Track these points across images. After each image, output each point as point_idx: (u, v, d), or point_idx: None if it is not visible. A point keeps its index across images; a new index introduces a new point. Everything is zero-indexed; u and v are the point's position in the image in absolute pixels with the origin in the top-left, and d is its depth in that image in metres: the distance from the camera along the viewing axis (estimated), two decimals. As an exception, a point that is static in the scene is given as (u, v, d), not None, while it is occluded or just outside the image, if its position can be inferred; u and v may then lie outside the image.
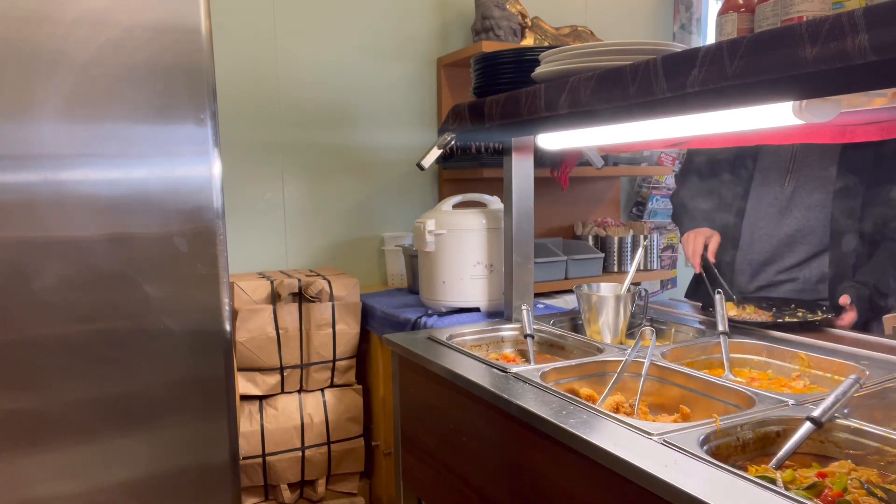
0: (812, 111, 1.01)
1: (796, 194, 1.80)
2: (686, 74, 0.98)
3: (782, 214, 1.82)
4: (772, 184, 1.84)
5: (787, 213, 1.81)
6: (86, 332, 1.32)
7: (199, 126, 1.37)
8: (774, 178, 1.83)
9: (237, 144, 2.40)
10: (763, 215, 1.85)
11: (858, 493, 0.91)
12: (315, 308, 2.18)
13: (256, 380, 2.16)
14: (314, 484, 2.26)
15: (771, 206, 1.84)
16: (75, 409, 1.33)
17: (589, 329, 1.70)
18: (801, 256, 1.80)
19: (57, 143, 1.26)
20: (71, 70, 1.26)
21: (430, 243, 1.94)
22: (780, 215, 1.82)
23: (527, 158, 1.80)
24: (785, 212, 1.81)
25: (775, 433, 1.09)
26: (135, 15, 1.30)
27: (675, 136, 1.55)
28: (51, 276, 1.28)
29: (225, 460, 1.47)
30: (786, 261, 1.82)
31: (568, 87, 1.23)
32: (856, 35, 0.75)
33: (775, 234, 1.82)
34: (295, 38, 2.49)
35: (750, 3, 1.10)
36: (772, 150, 1.85)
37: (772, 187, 1.84)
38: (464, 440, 1.44)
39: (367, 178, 2.66)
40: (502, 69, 1.62)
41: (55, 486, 1.32)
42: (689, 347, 1.53)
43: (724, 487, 0.87)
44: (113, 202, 1.32)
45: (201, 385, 1.44)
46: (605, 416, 1.13)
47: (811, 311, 1.67)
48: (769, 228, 1.84)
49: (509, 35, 2.58)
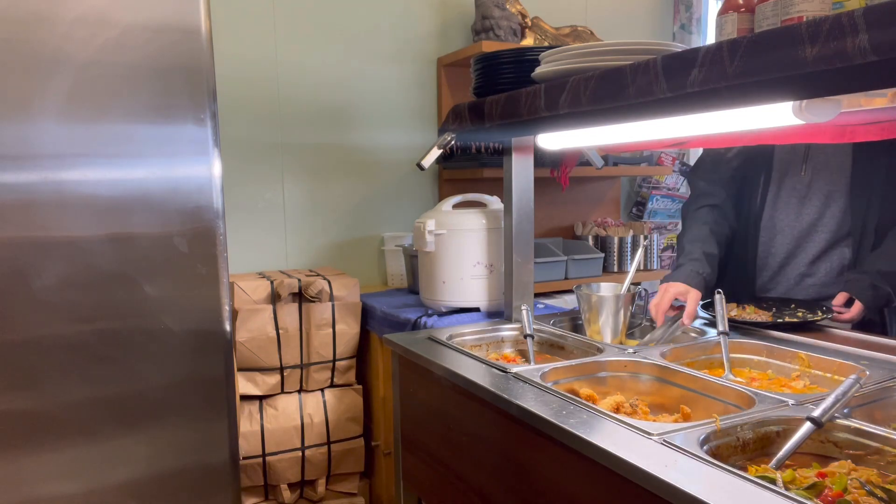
0: (812, 111, 1.01)
1: (814, 182, 1.78)
2: (686, 74, 0.98)
3: (801, 204, 1.79)
4: (789, 175, 1.81)
5: (807, 202, 1.79)
6: (86, 332, 1.32)
7: (199, 126, 1.37)
8: (792, 170, 1.81)
9: (237, 144, 2.40)
10: (783, 206, 1.83)
11: (858, 493, 0.91)
12: (315, 308, 2.18)
13: (256, 380, 2.16)
14: (314, 484, 2.25)
15: (790, 196, 1.82)
16: (75, 409, 1.32)
17: (589, 329, 1.70)
18: (821, 246, 1.78)
19: (57, 143, 1.26)
20: (71, 70, 1.26)
21: (430, 243, 1.94)
22: (800, 205, 1.80)
23: (527, 158, 1.80)
24: (804, 201, 1.79)
25: (775, 433, 1.09)
26: (135, 15, 1.30)
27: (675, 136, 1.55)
28: (51, 276, 1.28)
29: (225, 460, 1.47)
30: (809, 252, 1.80)
31: (568, 87, 1.23)
32: (856, 35, 0.75)
33: (797, 224, 1.81)
34: (295, 37, 2.49)
35: (750, 3, 1.10)
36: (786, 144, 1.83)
37: (790, 178, 1.82)
38: (464, 440, 1.44)
39: (367, 178, 2.66)
40: (502, 69, 1.62)
41: (55, 486, 1.32)
42: (689, 347, 1.53)
43: (724, 487, 0.87)
44: (113, 202, 1.32)
45: (201, 385, 1.43)
46: (605, 416, 1.13)
47: (811, 311, 1.67)
48: (790, 219, 1.82)
49: (509, 35, 2.58)
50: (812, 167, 1.78)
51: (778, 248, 1.84)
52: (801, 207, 1.80)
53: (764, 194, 1.86)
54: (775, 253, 1.85)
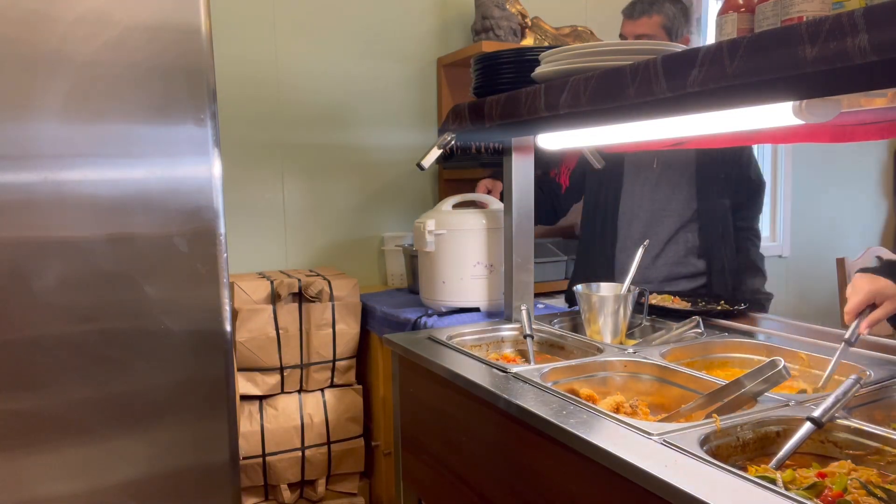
0: (812, 111, 1.01)
1: (663, 174, 2.10)
2: (686, 74, 0.98)
3: (653, 192, 2.10)
4: (643, 166, 2.11)
5: (657, 190, 2.10)
6: (86, 332, 1.32)
7: (199, 126, 1.37)
8: (645, 162, 2.11)
9: (237, 144, 2.40)
10: (637, 194, 2.12)
11: (858, 493, 0.91)
12: (315, 308, 2.18)
13: (256, 380, 2.16)
14: (314, 484, 2.25)
15: (644, 186, 2.12)
16: (75, 409, 1.32)
17: (589, 329, 1.70)
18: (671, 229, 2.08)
19: (57, 143, 1.26)
20: (71, 70, 1.26)
21: (430, 243, 1.94)
22: (652, 192, 2.10)
23: (527, 158, 1.80)
24: (655, 189, 2.10)
25: (775, 433, 1.09)
26: (135, 15, 1.30)
27: (675, 136, 1.55)
28: (51, 276, 1.28)
29: (225, 460, 1.47)
30: (660, 235, 2.08)
31: (568, 87, 1.23)
32: (856, 35, 0.75)
33: (650, 209, 2.10)
34: (295, 37, 2.49)
35: (750, 3, 1.10)
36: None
37: (643, 170, 2.11)
38: (464, 440, 1.44)
39: (367, 178, 2.66)
40: (502, 69, 1.62)
41: (55, 486, 1.32)
42: (689, 347, 1.53)
43: (724, 487, 0.87)
44: (113, 202, 1.32)
45: (201, 385, 1.43)
46: (605, 416, 1.13)
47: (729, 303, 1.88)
48: (644, 205, 2.11)
49: (509, 35, 2.58)
50: (662, 161, 2.10)
51: (634, 231, 2.11)
52: (653, 195, 2.10)
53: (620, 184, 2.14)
54: (632, 235, 2.10)
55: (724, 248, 2.09)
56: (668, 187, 2.09)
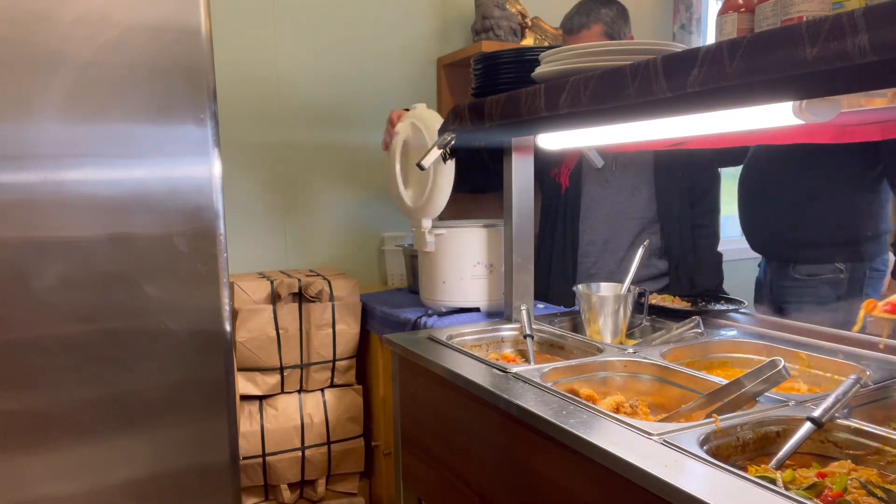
0: (812, 111, 1.01)
1: (622, 176, 2.11)
2: (686, 74, 0.98)
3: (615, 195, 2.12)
4: (602, 169, 2.04)
5: (619, 192, 2.12)
6: (86, 332, 1.32)
7: (199, 126, 1.37)
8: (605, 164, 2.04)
9: (237, 144, 2.40)
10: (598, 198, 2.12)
11: (858, 493, 0.91)
12: (315, 308, 2.18)
13: (256, 380, 2.16)
14: (314, 484, 2.25)
15: (604, 189, 2.12)
16: (75, 409, 1.32)
17: (589, 329, 1.70)
18: (634, 232, 2.10)
19: (57, 143, 1.26)
20: (71, 70, 1.26)
21: (430, 243, 1.94)
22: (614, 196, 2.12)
23: (527, 158, 1.80)
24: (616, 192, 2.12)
25: (775, 433, 1.09)
26: (135, 15, 1.30)
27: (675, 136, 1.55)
28: (51, 276, 1.28)
29: (225, 460, 1.47)
30: (623, 238, 2.10)
31: (568, 87, 1.23)
32: (856, 35, 0.75)
33: (610, 212, 2.11)
34: (295, 37, 2.49)
35: (750, 3, 1.10)
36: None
37: (602, 172, 2.08)
38: (464, 440, 1.44)
39: (368, 178, 2.66)
40: (502, 69, 1.62)
41: (55, 486, 1.32)
42: (689, 347, 1.53)
43: (724, 487, 0.87)
44: (113, 202, 1.32)
45: (201, 385, 1.43)
46: (605, 416, 1.13)
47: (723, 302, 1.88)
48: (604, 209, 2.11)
49: (509, 35, 2.58)
50: (620, 163, 2.11)
51: (596, 235, 2.12)
52: (615, 198, 2.11)
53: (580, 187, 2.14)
54: (595, 240, 2.12)
55: (683, 247, 2.12)
56: (627, 189, 2.11)
